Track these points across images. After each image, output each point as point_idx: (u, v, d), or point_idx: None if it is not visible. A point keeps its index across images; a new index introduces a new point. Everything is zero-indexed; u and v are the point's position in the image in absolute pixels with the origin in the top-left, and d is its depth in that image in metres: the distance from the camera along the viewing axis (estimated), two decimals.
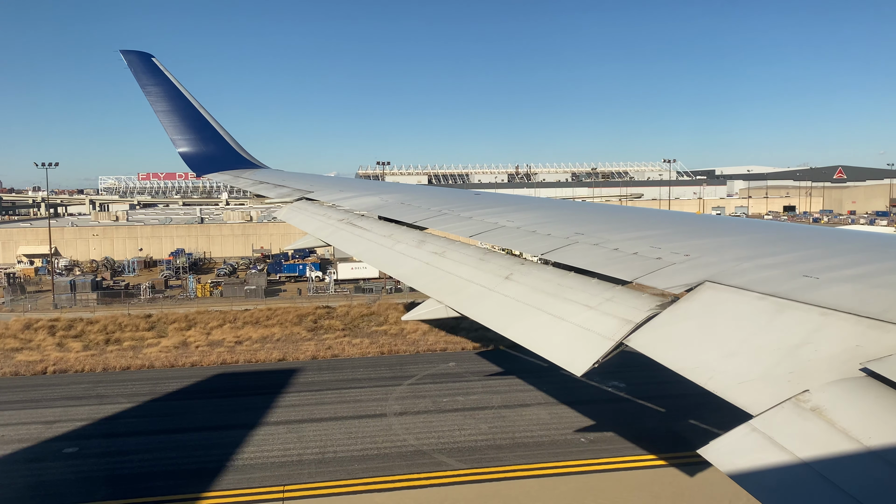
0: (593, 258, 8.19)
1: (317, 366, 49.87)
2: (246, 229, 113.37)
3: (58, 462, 33.22)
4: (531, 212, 12.34)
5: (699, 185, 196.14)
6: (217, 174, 31.65)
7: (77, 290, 78.44)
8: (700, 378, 5.17)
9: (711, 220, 11.25)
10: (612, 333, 6.38)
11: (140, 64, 30.19)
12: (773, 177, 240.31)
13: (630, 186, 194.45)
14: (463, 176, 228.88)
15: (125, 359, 51.60)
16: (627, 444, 34.36)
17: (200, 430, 37.11)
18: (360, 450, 34.08)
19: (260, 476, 31.29)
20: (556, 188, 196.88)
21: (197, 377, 47.58)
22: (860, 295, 5.45)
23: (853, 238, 8.30)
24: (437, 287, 9.83)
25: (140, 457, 33.62)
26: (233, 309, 68.41)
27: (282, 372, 48.27)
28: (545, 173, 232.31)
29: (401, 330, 58.61)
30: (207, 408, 40.82)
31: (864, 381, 4.35)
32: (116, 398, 42.65)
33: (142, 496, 29.75)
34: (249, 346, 55.03)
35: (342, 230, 16.04)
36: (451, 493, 29.70)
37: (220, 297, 77.54)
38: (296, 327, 60.89)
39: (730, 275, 6.55)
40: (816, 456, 3.96)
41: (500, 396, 41.67)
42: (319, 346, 54.84)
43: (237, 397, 42.80)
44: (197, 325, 61.76)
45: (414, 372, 47.43)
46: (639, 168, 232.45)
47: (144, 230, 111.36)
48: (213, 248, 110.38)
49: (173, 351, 54.02)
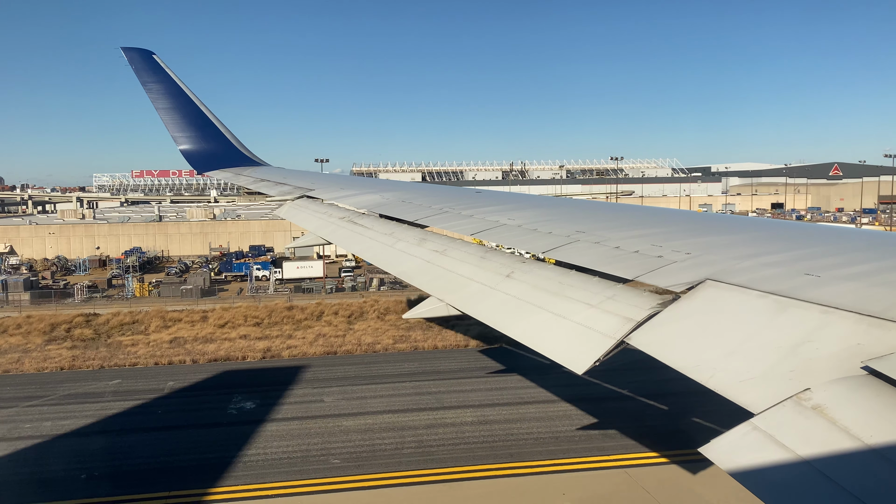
0: (594, 256, 8.18)
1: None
2: (204, 227, 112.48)
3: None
4: (532, 210, 12.33)
5: (694, 183, 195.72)
6: (218, 171, 31.64)
7: (9, 289, 76.71)
8: (701, 376, 5.17)
9: (713, 219, 11.24)
10: (613, 332, 6.37)
11: (141, 61, 30.17)
12: (768, 174, 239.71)
13: (623, 183, 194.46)
14: (457, 173, 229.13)
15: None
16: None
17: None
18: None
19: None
20: (550, 185, 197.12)
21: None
22: (862, 293, 5.44)
23: (855, 236, 8.28)
24: (438, 285, 9.83)
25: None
26: (141, 310, 66.85)
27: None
28: (539, 170, 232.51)
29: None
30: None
31: (865, 379, 4.34)
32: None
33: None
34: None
35: (343, 228, 16.04)
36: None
37: (158, 296, 76.21)
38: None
39: (731, 273, 6.54)
40: (818, 454, 3.96)
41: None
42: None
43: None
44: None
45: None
46: (634, 165, 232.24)
47: (102, 228, 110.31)
48: (172, 247, 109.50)
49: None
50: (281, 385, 44.44)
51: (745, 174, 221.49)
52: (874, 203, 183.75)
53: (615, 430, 35.86)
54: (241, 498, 29.27)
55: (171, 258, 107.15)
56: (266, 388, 43.86)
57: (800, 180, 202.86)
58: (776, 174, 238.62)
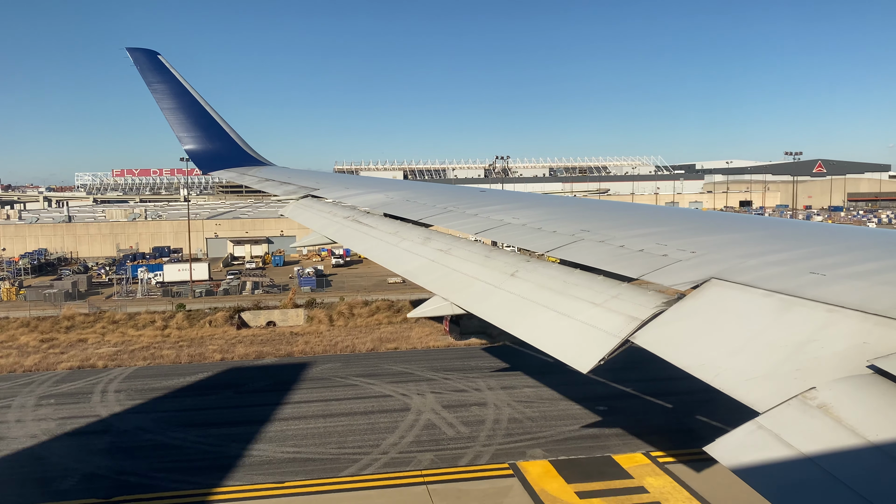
0: (599, 255, 8.20)
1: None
2: (114, 228, 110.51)
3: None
4: (537, 209, 12.34)
5: (677, 180, 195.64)
6: (223, 171, 31.74)
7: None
8: (706, 375, 5.17)
9: (718, 217, 11.23)
10: (618, 331, 6.38)
11: (146, 61, 30.29)
12: (753, 170, 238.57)
13: (604, 181, 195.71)
14: (440, 171, 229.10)
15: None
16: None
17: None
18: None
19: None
20: (533, 183, 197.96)
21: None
22: (867, 292, 5.43)
23: (860, 235, 8.27)
24: (442, 284, 9.85)
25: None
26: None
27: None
28: (523, 168, 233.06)
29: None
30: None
31: (871, 378, 4.34)
32: None
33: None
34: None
35: (347, 227, 16.09)
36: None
37: (24, 300, 72.93)
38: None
39: (736, 272, 6.54)
40: (823, 453, 3.96)
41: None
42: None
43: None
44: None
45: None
46: (618, 163, 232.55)
47: (8, 229, 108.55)
48: (81, 248, 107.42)
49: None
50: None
51: (729, 171, 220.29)
52: (843, 201, 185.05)
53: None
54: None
55: (77, 259, 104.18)
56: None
57: (785, 177, 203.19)
58: (760, 171, 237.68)
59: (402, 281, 77.93)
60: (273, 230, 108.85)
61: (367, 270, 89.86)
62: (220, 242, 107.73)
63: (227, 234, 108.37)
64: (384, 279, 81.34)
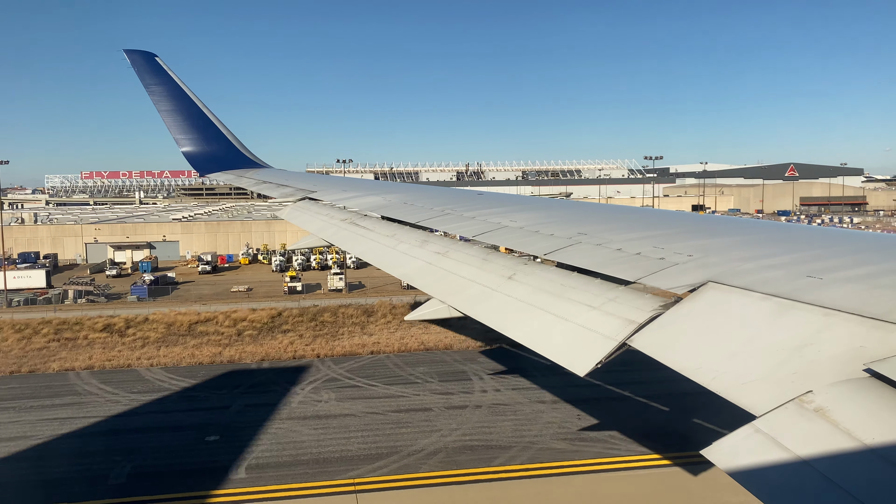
0: (596, 258, 8.19)
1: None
2: (13, 232, 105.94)
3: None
4: (534, 212, 12.35)
5: (648, 184, 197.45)
6: (220, 174, 31.68)
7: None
8: (703, 378, 5.17)
9: (715, 221, 11.26)
10: (615, 334, 6.38)
11: (144, 64, 30.23)
12: (725, 174, 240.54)
13: (573, 185, 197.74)
14: (412, 174, 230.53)
15: None
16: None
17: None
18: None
19: None
20: (505, 186, 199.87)
21: None
22: (863, 295, 5.44)
23: (856, 239, 8.30)
24: (439, 287, 9.84)
25: None
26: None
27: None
28: (495, 171, 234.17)
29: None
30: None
31: (867, 381, 4.34)
32: None
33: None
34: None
35: (345, 230, 16.07)
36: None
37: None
38: None
39: (733, 275, 6.54)
40: (820, 457, 3.96)
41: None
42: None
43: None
44: None
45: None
46: (590, 166, 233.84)
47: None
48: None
49: None
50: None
51: (702, 175, 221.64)
52: (795, 205, 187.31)
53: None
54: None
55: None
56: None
57: (756, 181, 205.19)
58: (733, 174, 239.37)
59: (245, 290, 77.93)
60: (155, 235, 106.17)
61: (235, 277, 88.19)
62: (101, 248, 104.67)
63: (107, 240, 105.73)
64: (228, 287, 79.51)
